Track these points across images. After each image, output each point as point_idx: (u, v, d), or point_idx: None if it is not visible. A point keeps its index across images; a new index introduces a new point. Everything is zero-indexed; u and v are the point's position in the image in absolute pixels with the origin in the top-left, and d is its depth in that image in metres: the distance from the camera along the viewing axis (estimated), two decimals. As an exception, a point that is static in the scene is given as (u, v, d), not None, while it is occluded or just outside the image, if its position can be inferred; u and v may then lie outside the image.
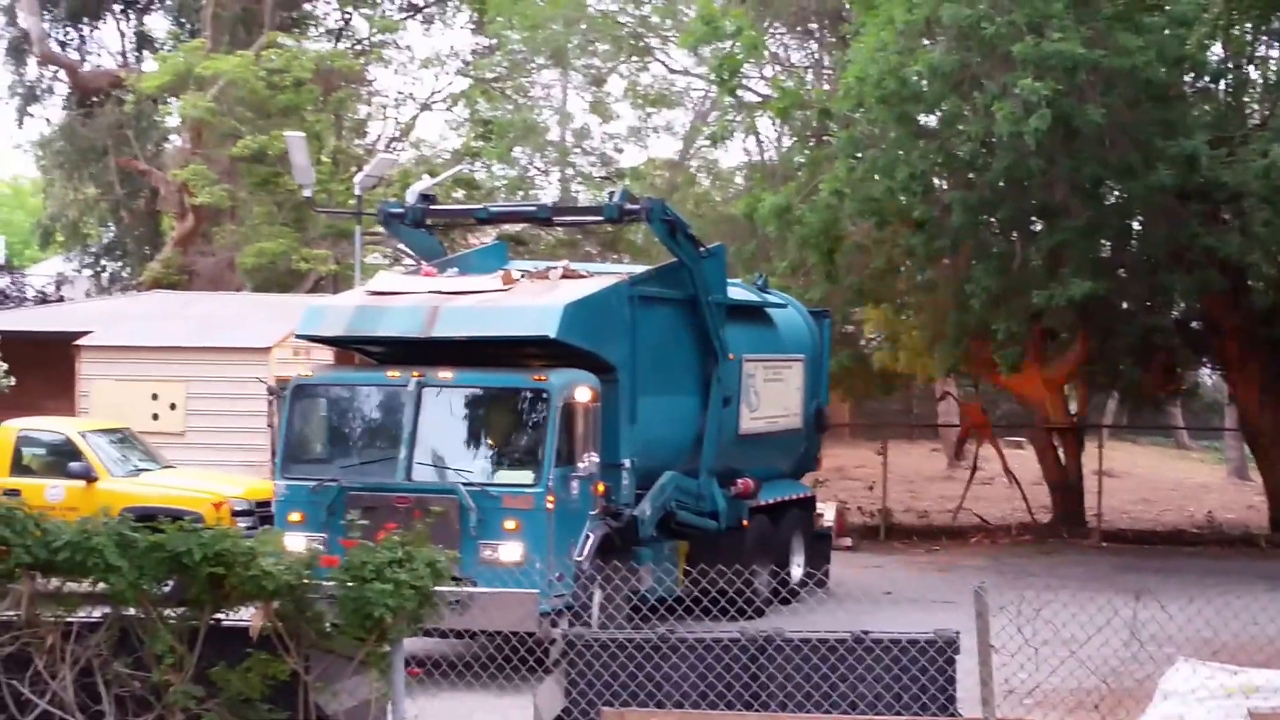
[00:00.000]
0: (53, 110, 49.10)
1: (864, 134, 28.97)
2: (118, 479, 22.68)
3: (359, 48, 46.63)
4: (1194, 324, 32.29)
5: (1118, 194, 28.22)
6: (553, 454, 17.81)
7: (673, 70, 41.45)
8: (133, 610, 11.10)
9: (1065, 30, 25.12)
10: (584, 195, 40.84)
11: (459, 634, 15.95)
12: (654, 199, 21.14)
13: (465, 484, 17.66)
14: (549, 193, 41.52)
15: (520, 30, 40.34)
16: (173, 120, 45.72)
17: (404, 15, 47.66)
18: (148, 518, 13.32)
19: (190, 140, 42.65)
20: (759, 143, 37.91)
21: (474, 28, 46.77)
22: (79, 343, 28.16)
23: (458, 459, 18.11)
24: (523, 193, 39.81)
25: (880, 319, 34.27)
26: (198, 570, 10.80)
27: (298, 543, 15.81)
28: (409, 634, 11.07)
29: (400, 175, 37.02)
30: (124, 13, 49.06)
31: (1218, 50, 28.37)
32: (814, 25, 38.32)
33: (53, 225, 50.54)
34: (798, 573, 23.42)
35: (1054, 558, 29.38)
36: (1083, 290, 26.23)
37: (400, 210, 21.33)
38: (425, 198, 21.77)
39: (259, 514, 21.75)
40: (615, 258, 38.80)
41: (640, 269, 22.60)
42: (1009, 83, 25.09)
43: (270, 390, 19.63)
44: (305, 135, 32.00)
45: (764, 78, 36.65)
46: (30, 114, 48.48)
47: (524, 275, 20.15)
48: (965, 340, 30.44)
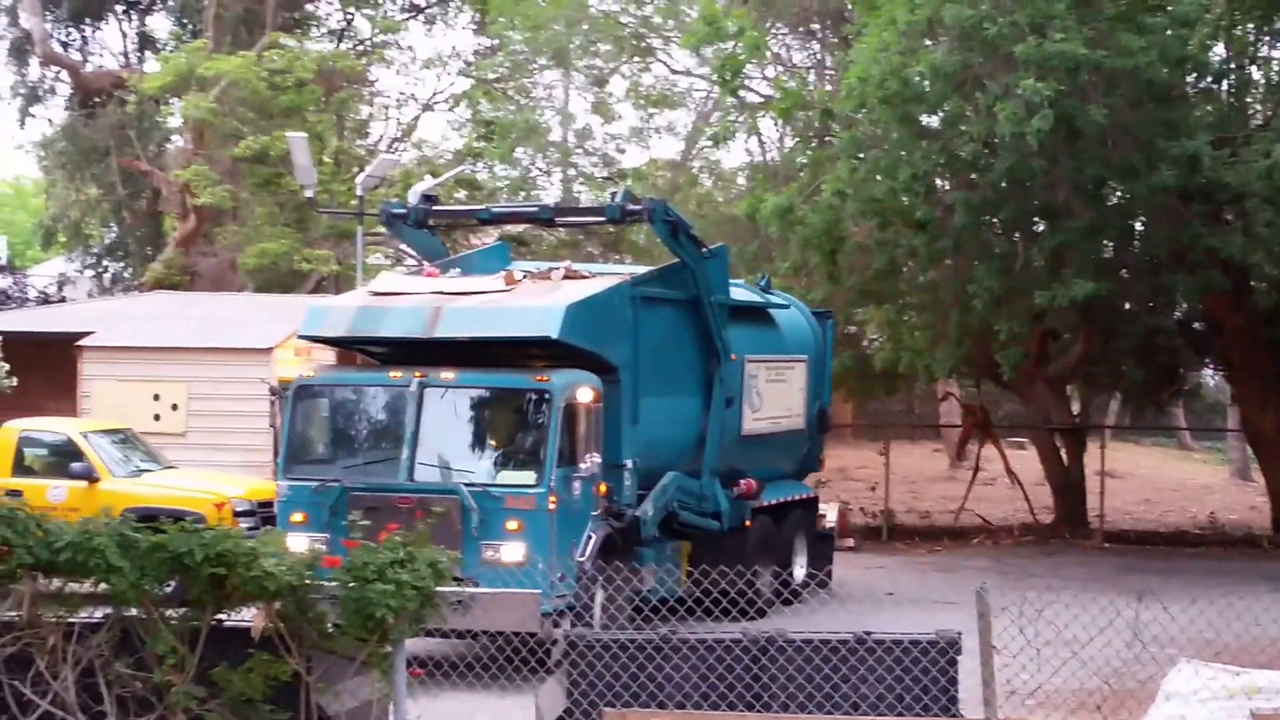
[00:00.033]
0: (55, 111, 49.16)
1: (866, 134, 28.96)
2: (119, 479, 22.68)
3: (361, 48, 46.60)
4: (1196, 325, 32.28)
5: (1120, 194, 28.21)
6: (555, 454, 17.81)
7: (675, 71, 41.48)
8: (134, 611, 11.09)
9: (1067, 31, 25.11)
10: (586, 196, 40.82)
11: (461, 634, 15.96)
12: (656, 200, 21.12)
13: (467, 484, 17.66)
14: (551, 193, 41.52)
15: (522, 31, 40.33)
16: (175, 121, 45.70)
17: (406, 16, 47.63)
18: (149, 518, 13.31)
19: (192, 141, 42.65)
20: (761, 143, 37.93)
21: (476, 28, 46.74)
22: (81, 343, 28.13)
23: (460, 459, 18.11)
24: (525, 193, 39.80)
25: (882, 319, 34.24)
26: (199, 571, 10.80)
27: (300, 543, 15.84)
28: (411, 634, 11.06)
29: (402, 176, 36.99)
30: (126, 13, 49.05)
31: (1220, 51, 28.37)
32: (816, 26, 38.31)
33: (55, 226, 50.51)
34: (800, 573, 23.42)
35: (1056, 558, 29.37)
36: (1085, 291, 26.22)
37: (403, 211, 21.30)
38: (428, 198, 21.76)
39: (261, 514, 21.76)
40: (617, 258, 38.78)
41: (642, 270, 22.59)
42: (1011, 83, 25.08)
43: (272, 390, 19.61)
44: (307, 136, 31.98)
45: (766, 78, 36.64)
46: (32, 114, 48.50)
47: (526, 276, 20.14)
48: (967, 341, 30.44)
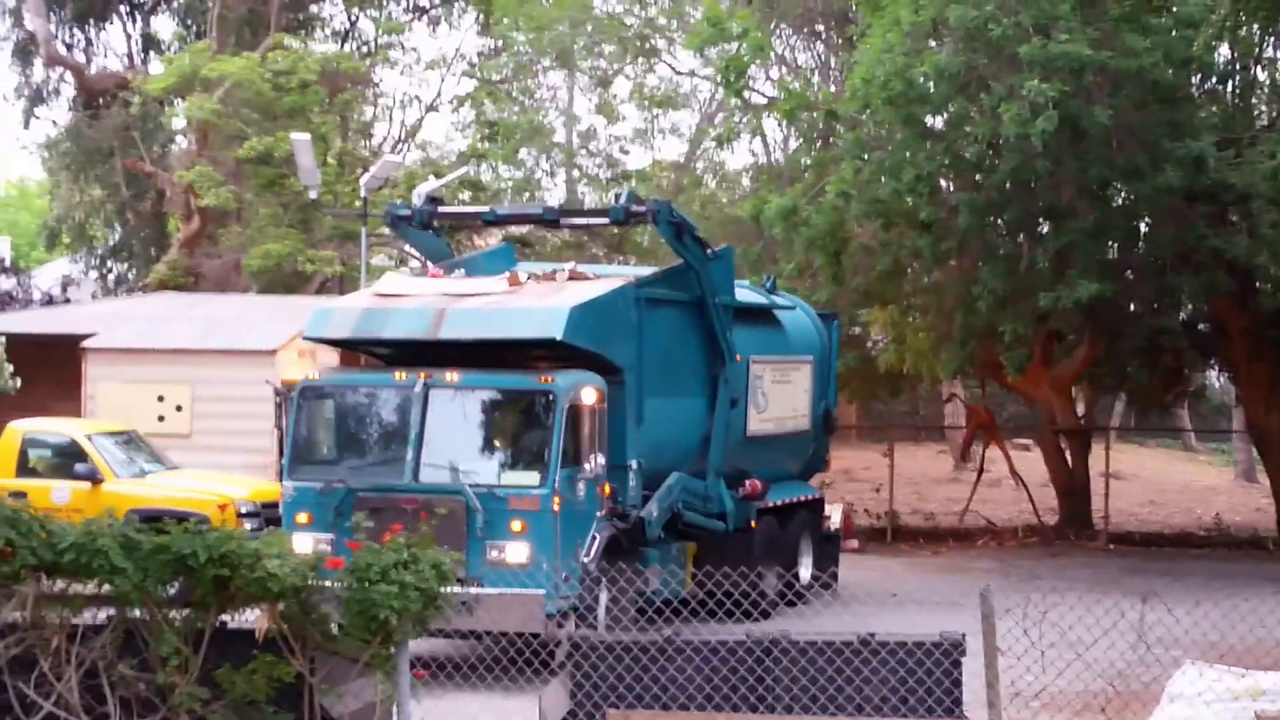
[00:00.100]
0: (59, 112, 49.14)
1: (870, 135, 28.94)
2: (123, 481, 22.67)
3: (365, 49, 46.62)
4: (1201, 326, 32.21)
5: (1125, 195, 28.16)
6: (559, 455, 17.82)
7: (679, 72, 41.54)
8: (138, 612, 11.07)
9: (1072, 32, 25.08)
10: (590, 197, 40.82)
11: (465, 635, 15.96)
12: (660, 201, 21.09)
13: (472, 485, 17.66)
14: (555, 194, 41.52)
15: (526, 32, 40.34)
16: (179, 122, 45.74)
17: (410, 17, 47.64)
18: (153, 519, 13.31)
19: (196, 142, 42.64)
20: (765, 144, 37.98)
21: (480, 29, 46.72)
22: (85, 344, 28.12)
23: (465, 460, 18.09)
24: (529, 194, 39.81)
25: (887, 320, 34.24)
26: (203, 572, 10.78)
27: (305, 544, 15.85)
28: (414, 636, 11.05)
29: (406, 177, 36.98)
30: (130, 14, 49.05)
31: (1225, 51, 28.33)
32: (820, 27, 38.28)
33: (59, 227, 50.49)
34: (806, 574, 23.42)
35: (1061, 560, 29.35)
36: (1090, 292, 26.18)
37: (407, 212, 21.27)
38: (432, 200, 21.75)
39: (265, 515, 21.76)
40: (622, 260, 38.77)
41: (647, 271, 22.58)
42: (1016, 84, 25.04)
43: (278, 392, 19.61)
44: (311, 137, 31.99)
45: (770, 79, 36.68)
46: (36, 115, 48.49)
47: (531, 277, 20.14)
48: (972, 342, 30.39)
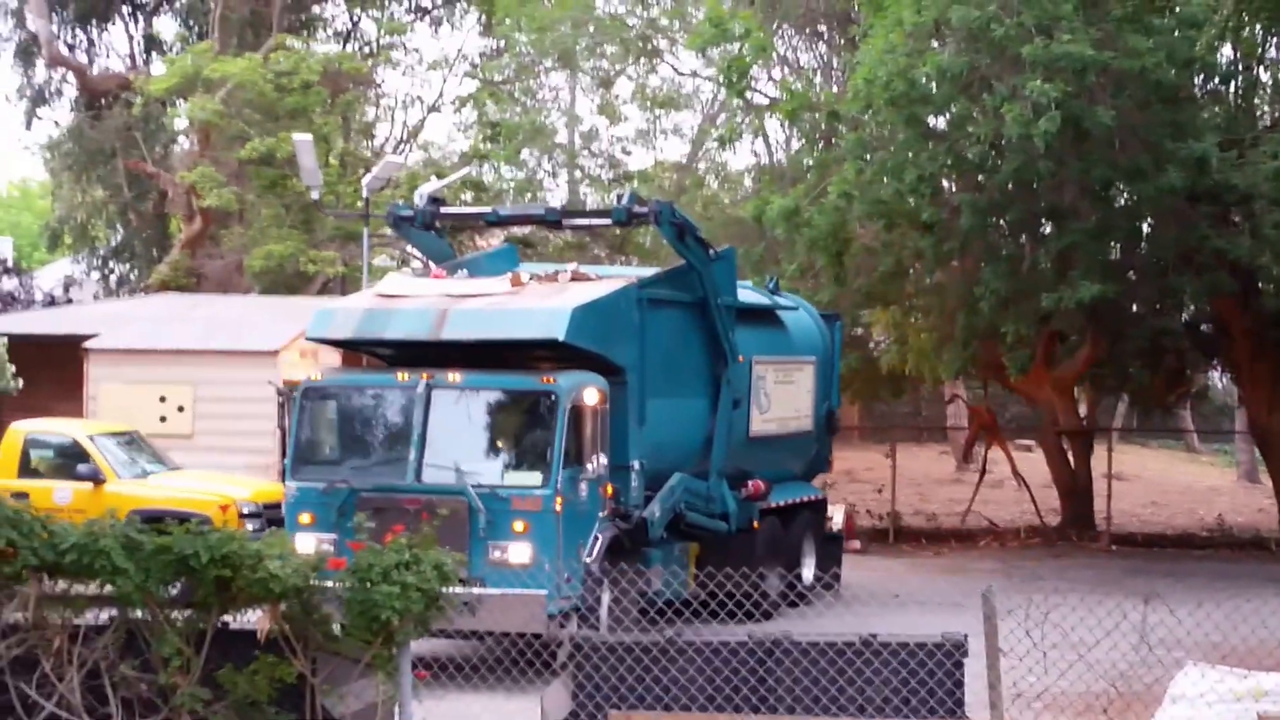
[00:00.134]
0: (61, 112, 49.17)
1: (873, 136, 28.93)
2: (125, 481, 22.66)
3: (367, 50, 46.63)
4: (1204, 327, 32.19)
5: (1127, 196, 28.14)
6: (561, 456, 17.82)
7: (681, 72, 41.50)
8: (140, 613, 11.06)
9: (1075, 32, 25.06)
10: (592, 198, 40.81)
11: (467, 635, 15.96)
12: (662, 202, 21.08)
13: (474, 486, 17.66)
14: (557, 195, 41.51)
15: (528, 32, 40.32)
16: (181, 123, 45.74)
17: (412, 18, 47.65)
18: (155, 520, 13.30)
19: (198, 143, 42.65)
20: (767, 145, 37.95)
21: (482, 30, 46.74)
22: (87, 345, 28.12)
23: (467, 461, 18.08)
24: (531, 195, 39.80)
25: (889, 321, 34.23)
26: (205, 573, 10.78)
27: (308, 544, 15.86)
28: (416, 636, 11.04)
29: (408, 177, 36.99)
30: (132, 15, 49.07)
31: (1228, 52, 28.31)
32: (822, 27, 38.27)
33: (61, 227, 50.52)
34: (809, 575, 23.41)
35: (1063, 561, 29.34)
36: (1092, 293, 26.16)
37: (410, 213, 21.27)
38: (435, 200, 21.75)
39: (266, 516, 21.76)
40: (624, 260, 38.76)
41: (649, 272, 22.57)
42: (1018, 85, 25.03)
43: (280, 392, 19.61)
44: (313, 137, 31.99)
45: (772, 80, 36.68)
46: (39, 116, 48.53)
47: (533, 278, 20.14)
48: (974, 343, 30.38)
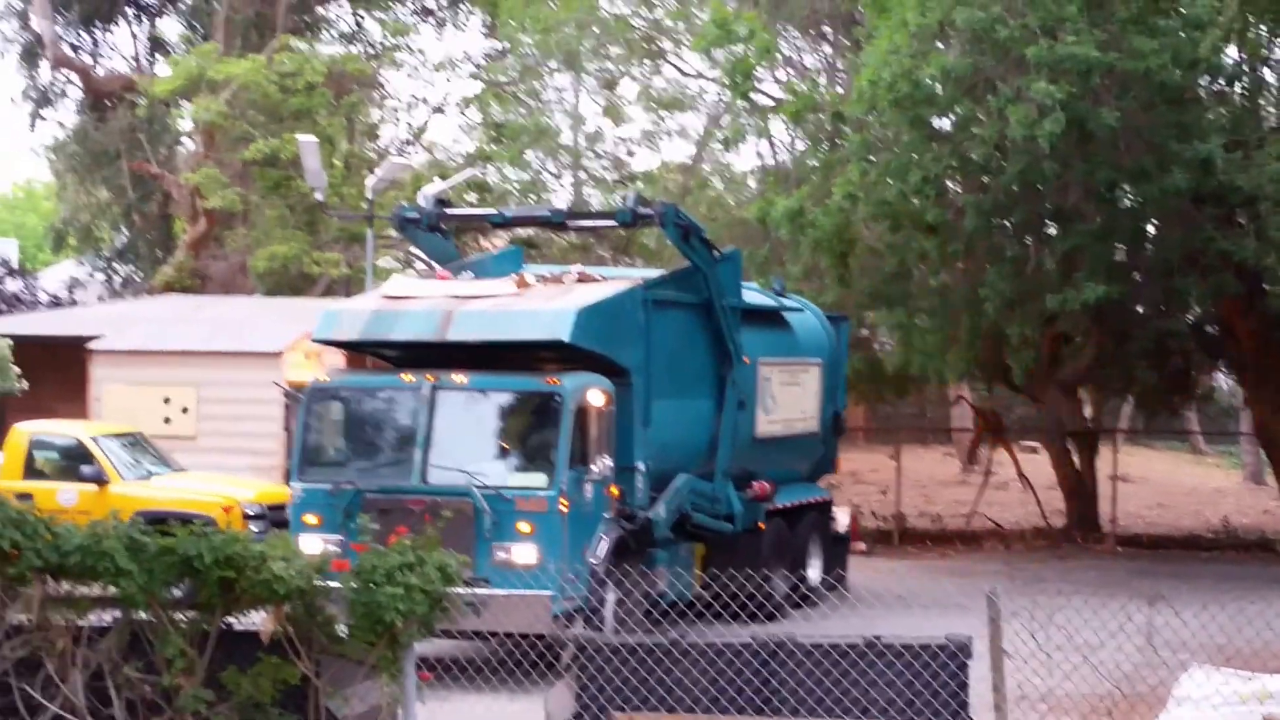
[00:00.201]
0: (65, 114, 49.21)
1: (877, 137, 28.91)
2: (129, 482, 22.67)
3: (371, 51, 46.63)
4: (1209, 328, 32.16)
5: (1132, 197, 28.11)
6: (566, 457, 17.82)
7: (685, 74, 41.45)
8: (143, 614, 11.06)
9: (1079, 33, 25.05)
10: (597, 199, 40.80)
11: (471, 636, 15.96)
12: (667, 203, 21.10)
13: (479, 486, 17.65)
14: (561, 196, 41.49)
15: (532, 34, 40.31)
16: (185, 124, 45.76)
17: (416, 19, 47.65)
18: (159, 521, 13.31)
19: (203, 144, 42.66)
20: (772, 146, 37.83)
21: (486, 31, 46.76)
22: (91, 346, 28.14)
23: (472, 462, 18.08)
24: (535, 196, 39.79)
25: (893, 323, 34.14)
26: (208, 574, 10.77)
27: (314, 545, 15.86)
28: (419, 638, 11.03)
29: (412, 179, 37.00)
30: (137, 17, 49.11)
31: (1233, 53, 28.26)
32: (827, 28, 38.23)
33: (65, 229, 50.58)
34: (815, 575, 23.41)
35: (1068, 563, 29.32)
36: (1096, 294, 26.15)
37: (415, 215, 21.27)
38: (440, 202, 21.76)
39: (270, 518, 21.76)
40: (628, 262, 38.75)
41: (654, 273, 22.57)
42: (1023, 86, 25.02)
43: (287, 394, 19.61)
44: (317, 139, 31.99)
45: (777, 81, 36.60)
46: (43, 118, 48.58)
47: (538, 279, 20.14)
48: (979, 344, 30.36)
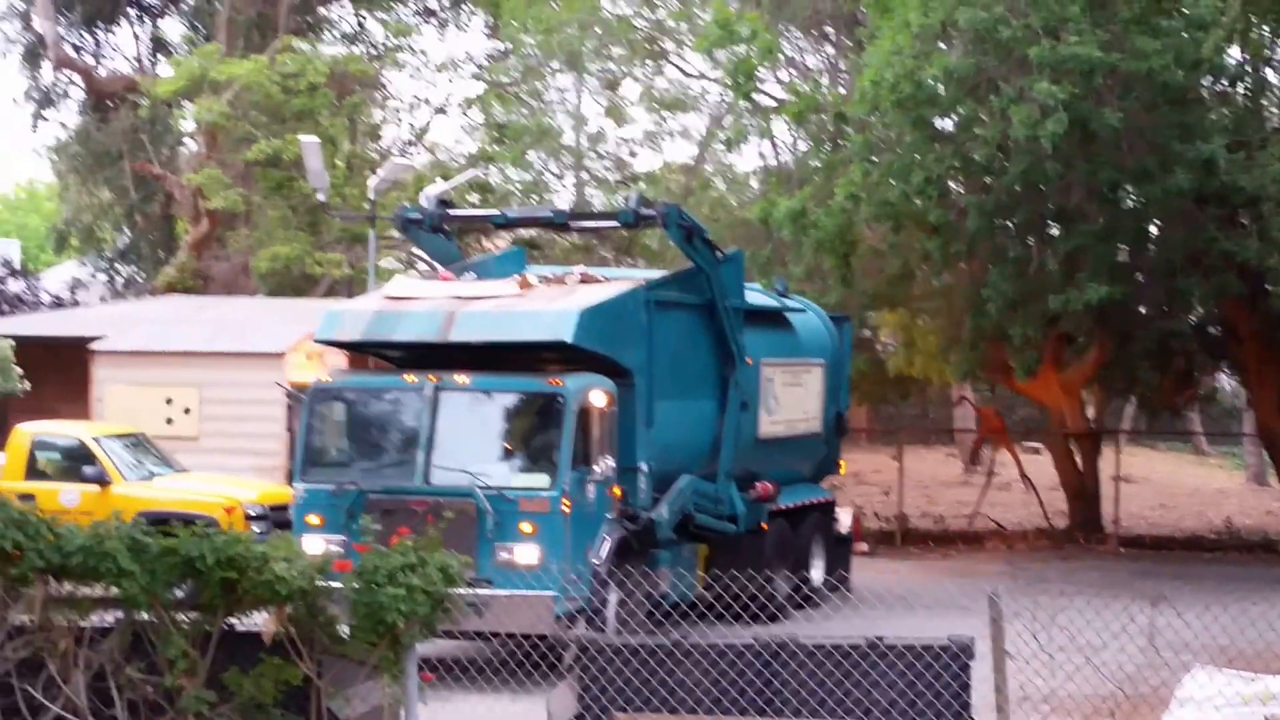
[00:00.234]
0: (68, 115, 49.19)
1: (879, 138, 28.92)
2: (131, 483, 22.67)
3: (374, 52, 46.63)
4: (1211, 329, 32.14)
5: (1135, 198, 28.12)
6: (568, 457, 17.82)
7: (688, 74, 41.46)
8: (145, 615, 11.06)
9: (1082, 34, 25.05)
10: (599, 200, 40.80)
11: (473, 636, 15.95)
12: (670, 204, 21.10)
13: (482, 487, 17.64)
14: (563, 197, 41.49)
15: (535, 34, 40.33)
16: (187, 125, 45.73)
17: (418, 20, 47.65)
18: (161, 522, 13.30)
19: (205, 145, 42.66)
20: (774, 147, 37.83)
21: (488, 32, 46.76)
22: (93, 347, 28.14)
23: (475, 462, 18.08)
24: (537, 197, 39.80)
25: (896, 323, 34.19)
26: (210, 575, 10.77)
27: (316, 546, 15.86)
28: (421, 639, 11.02)
29: (415, 179, 36.99)
30: (139, 17, 49.11)
31: (1235, 53, 28.26)
32: (829, 29, 38.24)
33: (67, 230, 50.56)
34: (818, 576, 23.42)
35: (1071, 563, 29.30)
36: (1099, 295, 26.14)
37: (418, 215, 21.27)
38: (443, 203, 21.76)
39: (272, 518, 21.76)
40: (631, 262, 38.75)
41: (657, 274, 22.57)
42: (1025, 86, 25.01)
43: (289, 395, 19.61)
44: (319, 139, 32.00)
45: (779, 81, 36.61)
46: (45, 118, 48.55)
47: (541, 280, 20.13)
48: (981, 345, 30.36)
